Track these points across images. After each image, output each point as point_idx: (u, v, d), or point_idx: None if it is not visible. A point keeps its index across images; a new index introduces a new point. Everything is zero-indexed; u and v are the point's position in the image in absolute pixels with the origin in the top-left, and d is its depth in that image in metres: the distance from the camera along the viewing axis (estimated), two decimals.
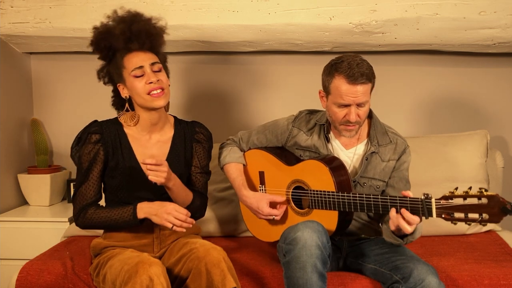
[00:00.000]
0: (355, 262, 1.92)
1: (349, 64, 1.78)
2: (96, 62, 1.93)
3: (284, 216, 1.99)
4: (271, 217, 1.94)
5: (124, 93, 1.86)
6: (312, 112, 2.08)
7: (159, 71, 1.85)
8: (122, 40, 1.82)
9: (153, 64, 1.83)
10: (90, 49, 1.91)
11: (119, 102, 1.95)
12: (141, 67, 1.81)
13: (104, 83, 1.94)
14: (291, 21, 2.42)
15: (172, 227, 1.72)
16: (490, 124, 2.77)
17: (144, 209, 1.76)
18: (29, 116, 2.90)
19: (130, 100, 1.88)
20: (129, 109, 1.89)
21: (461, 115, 2.81)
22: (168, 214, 1.72)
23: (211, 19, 2.44)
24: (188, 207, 1.90)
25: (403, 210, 1.64)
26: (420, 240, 2.27)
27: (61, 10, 2.51)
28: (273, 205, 1.96)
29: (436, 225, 2.31)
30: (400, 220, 1.65)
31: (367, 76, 1.79)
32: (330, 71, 1.84)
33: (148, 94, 1.80)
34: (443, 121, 2.82)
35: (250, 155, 2.13)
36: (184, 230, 1.75)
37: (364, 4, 2.35)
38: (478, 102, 2.80)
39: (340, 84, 1.80)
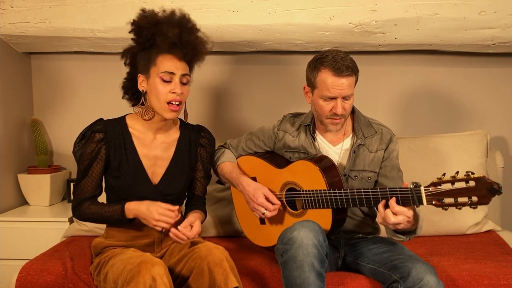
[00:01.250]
0: (354, 262, 1.93)
1: (333, 58, 1.83)
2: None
3: (280, 219, 1.99)
4: (262, 210, 1.92)
5: (142, 86, 1.84)
6: (296, 115, 2.12)
7: (186, 84, 1.84)
8: (168, 43, 1.78)
9: (184, 75, 1.82)
10: (128, 27, 1.84)
11: (130, 88, 1.91)
12: (172, 73, 1.79)
13: (125, 63, 1.90)
14: (291, 21, 2.42)
15: (162, 230, 1.76)
16: (490, 124, 2.78)
17: (133, 212, 1.78)
18: (29, 116, 2.91)
19: (144, 95, 1.85)
20: (144, 102, 1.86)
21: (461, 115, 2.81)
22: (157, 221, 1.74)
23: (211, 19, 2.44)
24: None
25: (391, 202, 1.65)
26: (420, 240, 2.27)
27: (61, 10, 2.51)
28: (268, 201, 1.94)
29: (436, 225, 2.32)
30: (387, 212, 1.65)
31: (352, 69, 1.84)
32: (315, 66, 1.88)
33: (167, 103, 1.79)
34: (443, 121, 2.82)
35: (241, 162, 2.13)
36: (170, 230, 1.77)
37: (364, 4, 2.35)
38: (478, 102, 2.80)
39: (326, 77, 1.83)
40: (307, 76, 1.93)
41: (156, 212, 1.73)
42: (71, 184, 2.85)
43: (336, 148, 1.99)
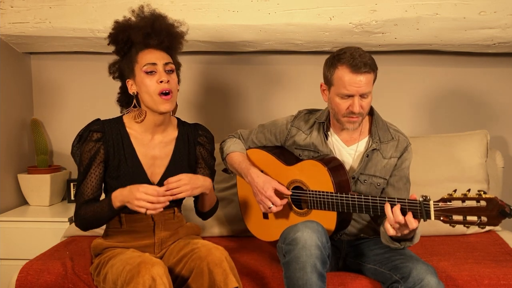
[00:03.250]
0: (355, 262, 1.92)
1: (351, 54, 1.79)
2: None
3: (284, 216, 1.99)
4: (269, 204, 1.91)
5: (132, 89, 1.85)
6: (311, 112, 2.08)
7: (172, 72, 1.83)
8: (142, 34, 1.81)
9: (166, 64, 1.82)
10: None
11: (125, 100, 1.93)
12: (154, 64, 1.79)
13: (113, 78, 1.92)
14: (291, 21, 2.42)
15: (146, 211, 1.66)
16: (490, 124, 2.78)
17: (118, 198, 1.73)
18: (29, 116, 2.91)
19: (137, 97, 1.86)
20: (136, 105, 1.86)
21: (461, 115, 2.82)
22: (139, 200, 1.65)
23: (211, 19, 2.44)
24: (210, 210, 1.99)
25: (409, 217, 1.61)
26: (420, 240, 2.25)
27: (61, 10, 2.51)
28: (276, 194, 1.93)
29: (436, 225, 2.30)
30: (409, 218, 1.61)
31: (370, 66, 1.79)
32: (332, 63, 1.83)
33: (159, 94, 1.78)
34: (443, 121, 2.82)
35: (250, 154, 2.12)
36: (159, 211, 1.69)
37: (364, 4, 2.36)
38: (478, 102, 2.81)
39: (343, 74, 1.79)
40: (324, 73, 1.89)
41: (136, 191, 1.66)
42: (71, 184, 2.85)
43: (349, 148, 1.95)
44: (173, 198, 1.72)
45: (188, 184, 1.75)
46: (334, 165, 1.87)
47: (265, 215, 2.06)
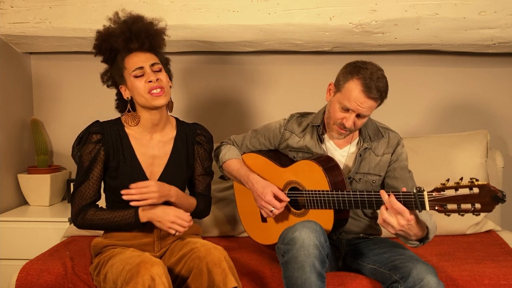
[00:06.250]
0: (355, 262, 1.92)
1: (371, 74, 1.79)
2: (96, 62, 1.94)
3: (282, 218, 1.99)
4: (270, 208, 1.91)
5: (126, 94, 1.88)
6: (303, 115, 2.10)
7: (159, 71, 1.85)
8: (122, 40, 1.83)
9: (153, 64, 1.84)
10: (93, 52, 1.92)
11: (123, 105, 1.95)
12: (141, 67, 1.82)
13: (108, 86, 1.95)
14: (291, 21, 2.42)
15: (175, 233, 1.78)
16: (490, 124, 2.78)
17: (147, 214, 1.79)
18: (29, 116, 2.91)
19: (131, 101, 1.89)
20: (130, 110, 1.90)
21: (461, 115, 2.82)
22: (172, 223, 1.77)
23: (211, 19, 2.45)
24: (192, 213, 1.97)
25: (392, 198, 1.63)
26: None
27: (61, 10, 2.52)
28: (276, 197, 1.93)
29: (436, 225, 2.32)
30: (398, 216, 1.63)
31: (381, 94, 1.81)
32: (351, 71, 1.83)
33: (149, 93, 1.81)
34: (443, 121, 2.82)
35: (244, 159, 2.12)
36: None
37: (364, 4, 2.36)
38: (478, 102, 2.80)
39: (354, 88, 1.80)
40: (338, 76, 1.89)
41: (172, 214, 1.77)
42: (71, 184, 2.85)
43: (342, 151, 1.98)
44: (140, 203, 1.75)
45: (156, 192, 1.77)
46: (328, 164, 1.89)
47: (263, 219, 2.06)
